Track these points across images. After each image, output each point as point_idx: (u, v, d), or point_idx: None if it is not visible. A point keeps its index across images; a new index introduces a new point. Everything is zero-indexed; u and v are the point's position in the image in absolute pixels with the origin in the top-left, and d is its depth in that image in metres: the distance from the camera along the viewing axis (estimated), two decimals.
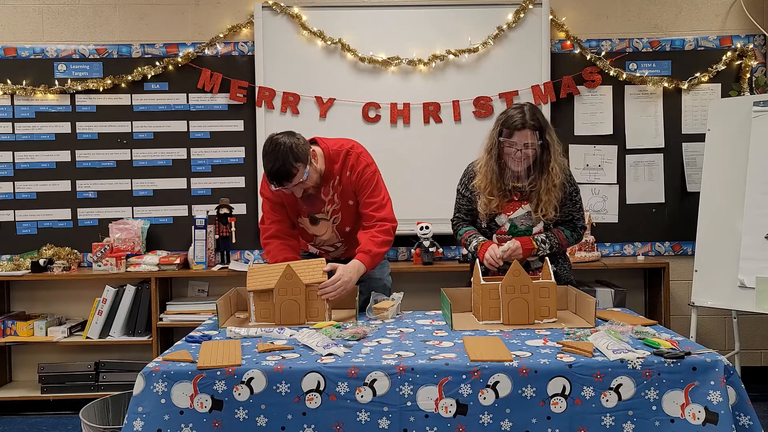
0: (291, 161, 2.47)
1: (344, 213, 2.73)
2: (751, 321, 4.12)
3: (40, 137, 3.99)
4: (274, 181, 2.51)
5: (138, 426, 1.78)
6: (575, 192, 2.70)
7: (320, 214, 2.73)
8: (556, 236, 2.66)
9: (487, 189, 2.64)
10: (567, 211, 2.68)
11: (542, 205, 2.60)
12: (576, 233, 2.72)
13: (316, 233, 2.78)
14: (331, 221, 2.74)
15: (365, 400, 1.79)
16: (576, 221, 2.72)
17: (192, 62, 3.99)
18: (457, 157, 3.99)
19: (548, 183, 2.58)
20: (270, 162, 2.49)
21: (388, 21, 4.00)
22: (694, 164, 4.07)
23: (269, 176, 2.51)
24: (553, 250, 2.66)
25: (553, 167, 2.58)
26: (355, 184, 2.68)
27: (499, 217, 2.68)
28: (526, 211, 2.65)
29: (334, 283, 2.42)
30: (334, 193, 2.69)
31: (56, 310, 4.03)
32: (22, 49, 3.98)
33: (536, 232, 2.65)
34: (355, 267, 2.52)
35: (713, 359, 1.82)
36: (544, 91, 3.98)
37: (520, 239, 2.61)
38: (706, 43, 4.09)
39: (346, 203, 2.71)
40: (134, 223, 3.95)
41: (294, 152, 2.48)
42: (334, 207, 2.71)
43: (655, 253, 4.13)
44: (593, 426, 1.79)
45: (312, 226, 2.76)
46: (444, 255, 4.03)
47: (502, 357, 1.84)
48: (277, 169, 2.47)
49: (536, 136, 2.54)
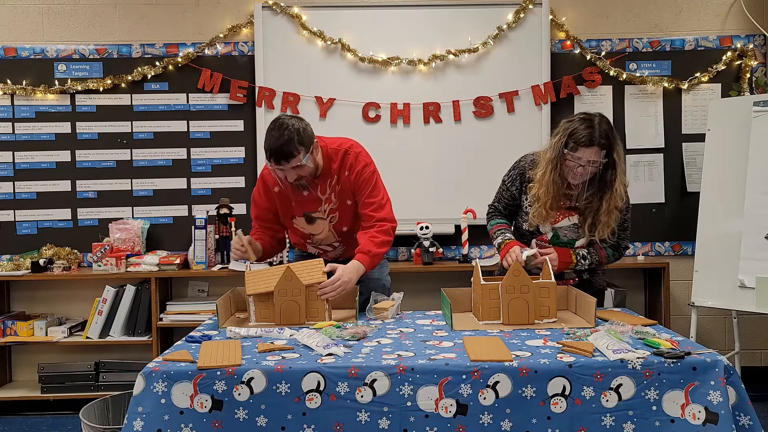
0: (295, 143, 2.45)
1: (342, 213, 2.71)
2: (751, 321, 4.12)
3: (40, 137, 3.99)
4: (273, 158, 2.46)
5: (138, 426, 1.78)
6: (626, 210, 2.56)
7: (316, 213, 2.69)
8: (598, 253, 2.56)
9: (548, 202, 2.48)
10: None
11: (600, 226, 2.47)
12: (618, 253, 2.61)
13: (313, 232, 2.75)
14: (328, 220, 2.72)
15: (365, 400, 1.79)
16: (621, 240, 2.59)
17: (192, 62, 3.99)
18: (457, 157, 4.02)
19: (609, 204, 2.44)
20: (274, 138, 2.45)
21: (388, 21, 4.00)
22: (694, 164, 4.07)
23: (270, 152, 2.47)
24: (592, 267, 2.59)
25: (617, 188, 2.42)
26: (353, 184, 2.65)
27: (544, 226, 2.58)
28: (573, 222, 2.55)
29: (334, 283, 2.41)
30: (331, 192, 2.66)
31: (56, 310, 4.03)
32: (22, 49, 3.98)
33: (578, 246, 2.57)
34: (354, 267, 2.50)
35: (713, 359, 1.82)
36: (544, 91, 3.99)
37: (558, 250, 2.51)
38: (706, 43, 4.09)
39: (344, 203, 2.69)
40: (134, 223, 3.95)
41: (300, 135, 2.46)
42: (332, 206, 2.68)
43: (655, 253, 4.13)
44: (593, 426, 1.79)
45: (308, 225, 2.73)
46: (444, 255, 4.03)
47: (502, 357, 1.84)
48: (280, 146, 2.44)
49: (602, 155, 2.37)
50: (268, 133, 2.49)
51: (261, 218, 2.78)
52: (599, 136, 2.36)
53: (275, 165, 2.48)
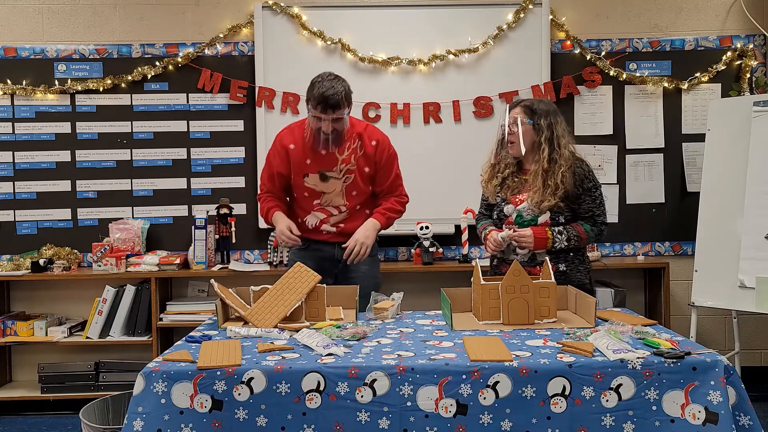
0: (344, 96, 2.72)
1: (357, 176, 2.88)
2: (751, 321, 4.12)
3: (40, 137, 3.99)
4: (321, 105, 2.68)
5: (138, 426, 1.78)
6: (594, 188, 2.68)
7: (331, 172, 2.85)
8: (575, 229, 2.65)
9: (487, 174, 2.81)
10: (586, 207, 2.68)
11: (535, 191, 2.63)
12: (596, 228, 2.69)
13: (325, 190, 2.88)
14: (342, 180, 2.87)
15: (365, 400, 1.79)
16: (596, 217, 2.69)
17: (192, 62, 3.99)
18: (457, 157, 4.02)
19: (537, 166, 2.64)
20: (328, 87, 2.68)
21: (388, 21, 4.00)
22: (694, 164, 4.07)
23: (322, 99, 2.67)
24: (572, 243, 2.64)
25: (543, 149, 2.64)
26: (379, 156, 2.88)
27: (507, 207, 2.73)
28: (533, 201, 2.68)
29: (354, 248, 2.77)
30: (351, 155, 2.85)
31: (56, 310, 4.03)
32: (22, 49, 3.98)
33: (541, 222, 2.65)
34: (371, 224, 2.87)
35: (713, 359, 1.82)
36: (544, 91, 3.98)
37: (533, 229, 2.63)
38: (706, 43, 4.09)
39: (362, 169, 2.88)
40: (134, 223, 3.95)
41: (347, 91, 2.76)
42: (349, 167, 2.86)
43: (655, 253, 4.13)
44: (593, 426, 1.79)
45: (321, 182, 2.87)
46: (444, 255, 4.03)
47: (502, 357, 1.84)
48: (333, 94, 2.67)
49: (525, 114, 2.67)
50: (318, 83, 2.70)
51: (272, 180, 2.95)
52: (522, 101, 2.75)
53: (321, 112, 2.69)
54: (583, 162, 2.71)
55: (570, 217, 2.68)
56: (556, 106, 2.78)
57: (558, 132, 2.66)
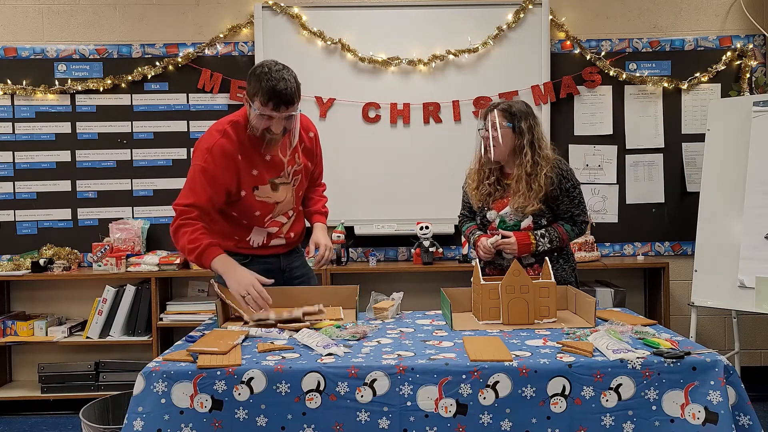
0: (298, 89, 2.32)
1: (304, 174, 2.58)
2: (751, 321, 4.12)
3: (40, 137, 4.00)
4: (275, 100, 2.25)
5: (138, 426, 1.78)
6: (572, 188, 2.67)
7: (279, 179, 2.48)
8: (556, 230, 2.66)
9: (474, 182, 2.77)
10: (565, 207, 2.67)
11: (519, 195, 2.62)
12: (577, 227, 2.70)
13: (278, 200, 2.50)
14: (291, 183, 2.53)
15: (365, 400, 1.79)
16: (576, 216, 2.69)
17: (192, 62, 3.99)
18: (457, 157, 4.01)
19: (520, 170, 2.62)
20: (279, 81, 2.24)
21: (388, 21, 4.00)
22: (694, 164, 4.07)
23: (275, 94, 2.24)
24: (554, 245, 2.66)
25: (526, 152, 2.61)
26: (317, 147, 2.63)
27: (490, 213, 2.73)
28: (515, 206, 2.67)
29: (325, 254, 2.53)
30: (294, 153, 2.49)
31: (56, 310, 4.03)
32: (22, 49, 3.98)
33: (524, 227, 2.65)
34: (322, 227, 2.65)
35: (713, 359, 1.82)
36: (544, 91, 3.99)
37: (516, 234, 2.63)
38: (706, 43, 4.09)
39: (307, 165, 2.57)
40: (134, 223, 3.96)
41: (298, 84, 2.33)
42: (296, 167, 2.52)
43: (655, 253, 4.13)
44: (593, 426, 1.79)
45: (273, 192, 2.48)
46: (444, 255, 4.03)
47: (502, 357, 1.83)
48: (286, 88, 2.25)
49: (503, 118, 2.62)
50: (266, 75, 2.25)
51: (212, 202, 2.37)
52: (499, 104, 2.69)
53: (273, 110, 2.27)
54: (560, 161, 2.69)
55: (551, 218, 2.68)
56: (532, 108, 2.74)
57: (537, 134, 2.64)
